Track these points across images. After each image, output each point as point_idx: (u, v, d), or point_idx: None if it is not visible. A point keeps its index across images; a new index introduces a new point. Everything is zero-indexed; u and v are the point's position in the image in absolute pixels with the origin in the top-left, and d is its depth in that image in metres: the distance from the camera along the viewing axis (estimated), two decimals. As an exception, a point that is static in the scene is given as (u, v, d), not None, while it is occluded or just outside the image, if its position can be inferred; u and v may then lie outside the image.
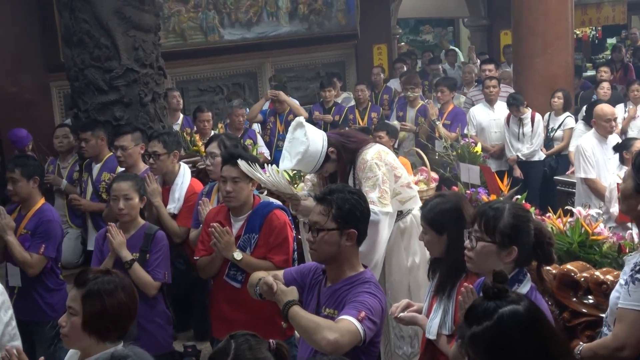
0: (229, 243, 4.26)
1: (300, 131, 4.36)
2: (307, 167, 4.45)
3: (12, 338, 3.48)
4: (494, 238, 2.84)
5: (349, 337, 2.95)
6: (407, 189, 4.45)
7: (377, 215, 4.17)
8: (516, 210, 2.92)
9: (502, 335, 2.19)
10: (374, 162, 4.27)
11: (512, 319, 2.20)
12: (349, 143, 4.41)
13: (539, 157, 8.36)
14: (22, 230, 4.95)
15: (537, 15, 9.04)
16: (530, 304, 2.27)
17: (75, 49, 6.87)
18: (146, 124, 6.86)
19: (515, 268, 2.86)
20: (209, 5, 11.42)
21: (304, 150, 4.30)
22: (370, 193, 4.20)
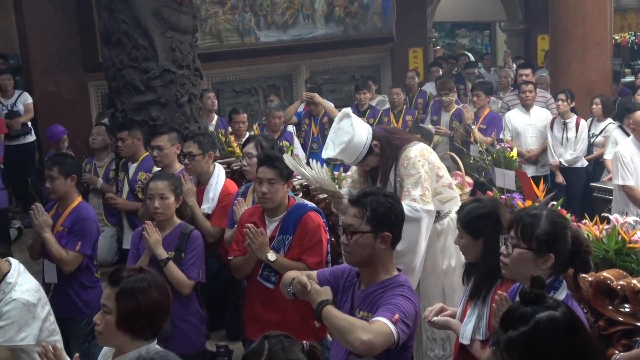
0: (263, 244, 4.27)
1: (347, 121, 4.36)
2: (349, 158, 4.43)
3: (51, 333, 3.53)
4: (530, 245, 2.80)
5: (383, 338, 2.94)
6: (449, 189, 4.44)
7: (418, 213, 4.16)
8: (554, 217, 2.88)
9: (538, 341, 2.16)
10: (417, 160, 4.26)
11: (548, 325, 2.17)
12: (393, 139, 4.41)
13: (582, 163, 8.25)
14: (59, 228, 4.98)
15: (575, 20, 8.95)
16: (568, 311, 2.24)
17: (113, 49, 6.95)
18: (182, 125, 6.92)
19: (551, 275, 2.82)
20: (245, 7, 11.47)
21: (348, 140, 4.30)
22: (412, 190, 4.19)
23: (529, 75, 9.53)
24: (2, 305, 3.35)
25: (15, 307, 3.34)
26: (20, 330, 3.33)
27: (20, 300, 3.35)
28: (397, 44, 13.04)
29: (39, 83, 9.95)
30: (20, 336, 3.33)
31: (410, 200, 4.17)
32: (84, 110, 10.19)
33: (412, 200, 4.18)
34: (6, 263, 3.47)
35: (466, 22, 18.82)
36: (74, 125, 9.03)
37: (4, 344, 3.30)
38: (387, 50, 13.10)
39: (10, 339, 3.30)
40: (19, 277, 3.44)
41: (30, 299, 3.39)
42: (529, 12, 14.60)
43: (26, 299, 3.37)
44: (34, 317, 3.40)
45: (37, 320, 3.41)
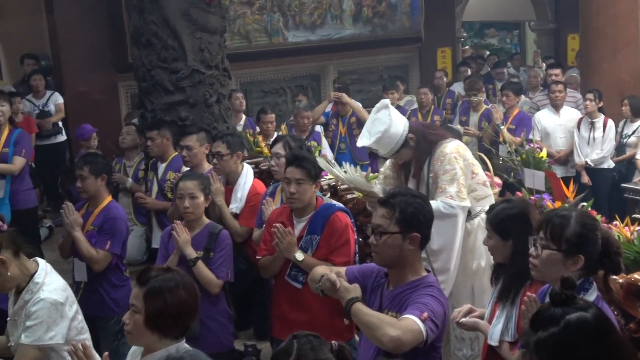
0: (290, 244, 4.28)
1: (385, 112, 4.36)
2: (384, 148, 4.42)
3: (79, 332, 3.55)
4: (560, 246, 2.78)
5: (411, 335, 2.93)
6: (484, 187, 4.42)
7: (454, 209, 4.15)
8: (583, 218, 2.85)
9: (568, 342, 2.15)
10: (453, 156, 4.25)
11: (579, 326, 2.15)
12: (429, 134, 4.40)
13: (608, 164, 8.16)
14: (89, 227, 5.02)
15: (606, 20, 8.85)
16: (599, 312, 2.22)
17: (143, 50, 6.99)
18: (210, 125, 6.94)
19: (581, 277, 2.80)
20: (273, 7, 11.50)
21: (384, 129, 4.29)
22: (448, 187, 4.18)
23: (558, 75, 9.44)
24: (30, 305, 3.36)
25: (43, 306, 3.35)
26: (49, 330, 3.34)
27: (48, 300, 3.36)
28: (425, 44, 12.99)
29: (70, 83, 10.03)
30: (49, 335, 3.34)
31: (447, 197, 4.16)
32: (113, 110, 10.26)
33: (448, 197, 4.16)
34: (34, 263, 3.50)
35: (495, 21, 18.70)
36: (103, 125, 9.09)
37: (33, 344, 3.32)
38: (415, 50, 13.06)
39: (39, 338, 3.32)
40: (47, 277, 3.46)
41: (58, 299, 3.40)
42: (559, 11, 14.46)
43: (54, 299, 3.38)
44: (62, 316, 3.41)
45: (65, 319, 3.42)
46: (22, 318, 3.39)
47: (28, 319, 3.34)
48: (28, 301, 3.38)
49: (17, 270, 3.40)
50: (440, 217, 4.14)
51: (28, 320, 3.34)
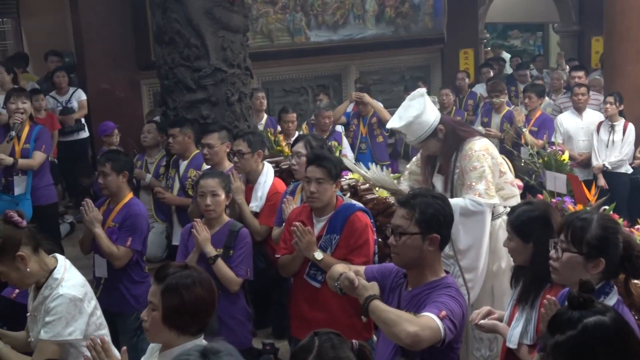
0: (310, 243, 4.28)
1: (420, 100, 4.36)
2: (412, 134, 4.41)
3: (98, 327, 3.56)
4: (580, 249, 2.76)
5: (429, 332, 2.92)
6: (511, 187, 4.41)
7: (481, 207, 4.14)
8: (605, 221, 2.83)
9: (585, 346, 2.13)
10: (482, 153, 4.23)
11: (596, 330, 2.14)
12: (459, 130, 4.40)
13: (626, 169, 8.12)
14: (110, 223, 5.04)
15: (630, 22, 8.78)
16: (617, 316, 2.21)
17: (166, 48, 7.03)
18: (232, 123, 6.96)
19: (601, 280, 2.78)
20: (296, 7, 11.50)
21: (416, 115, 4.29)
22: (476, 184, 4.16)
23: (582, 78, 9.38)
24: (49, 301, 3.37)
25: (62, 302, 3.35)
26: (68, 325, 3.35)
27: (67, 296, 3.37)
28: (447, 45, 12.94)
29: (93, 80, 10.08)
30: (68, 331, 3.35)
31: (475, 195, 4.14)
32: (136, 108, 10.30)
33: (476, 194, 4.15)
34: (53, 259, 3.51)
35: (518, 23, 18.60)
36: (126, 122, 9.13)
37: (52, 339, 3.33)
38: (437, 51, 13.02)
39: (58, 334, 3.33)
40: (66, 273, 3.47)
41: (76, 294, 3.40)
42: (583, 13, 14.37)
43: (73, 294, 3.39)
44: (81, 312, 3.41)
45: (84, 315, 3.42)
46: (42, 314, 3.40)
47: (47, 314, 3.36)
48: (47, 297, 3.39)
49: (37, 266, 3.41)
50: (467, 214, 4.13)
51: (47, 316, 3.35)
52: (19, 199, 6.46)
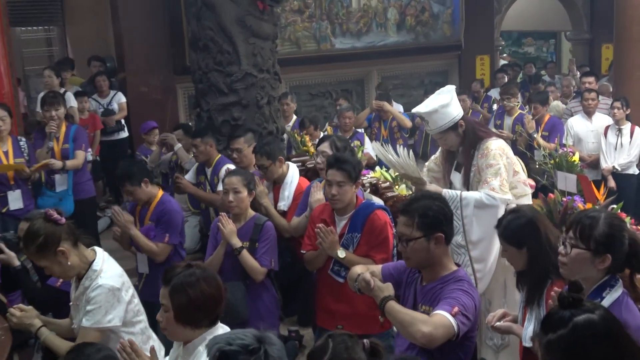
0: (333, 242, 4.29)
1: (448, 94, 4.37)
2: (434, 122, 4.40)
3: (136, 314, 3.58)
4: (588, 245, 2.75)
5: (443, 330, 2.94)
6: (524, 186, 4.40)
7: (495, 201, 4.13)
8: (612, 219, 2.82)
9: (576, 343, 2.13)
10: (498, 153, 4.23)
11: (586, 328, 2.14)
12: (479, 129, 4.41)
13: (633, 170, 8.05)
14: (148, 221, 5.06)
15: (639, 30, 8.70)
16: (606, 313, 2.20)
17: (200, 54, 7.06)
18: (261, 125, 6.99)
19: (607, 274, 2.77)
20: (322, 16, 11.53)
21: (441, 104, 4.30)
22: (491, 180, 4.16)
23: (592, 83, 9.30)
24: (89, 291, 3.40)
25: (101, 292, 3.38)
26: (107, 313, 3.38)
27: (106, 286, 3.40)
28: (464, 52, 12.91)
29: (132, 84, 10.17)
30: (108, 318, 3.38)
31: (490, 190, 4.14)
32: (172, 110, 10.38)
33: (491, 189, 4.14)
34: (92, 252, 3.55)
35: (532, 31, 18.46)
36: (162, 123, 9.21)
37: (93, 326, 3.36)
38: (455, 57, 12.99)
39: (98, 321, 3.36)
40: (104, 264, 3.50)
41: (114, 284, 3.43)
42: (594, 22, 14.25)
43: (111, 285, 3.42)
44: (119, 300, 3.44)
45: (122, 303, 3.45)
46: (83, 303, 3.44)
47: (88, 303, 3.39)
48: (87, 287, 3.42)
49: (77, 259, 3.45)
50: (481, 207, 4.13)
51: (88, 305, 3.39)
52: (62, 195, 6.53)
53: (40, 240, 3.37)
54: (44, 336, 3.43)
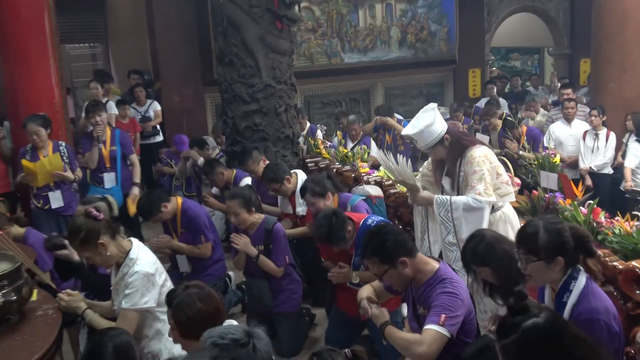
0: (347, 276, 4.28)
1: (431, 112, 4.32)
2: (423, 140, 4.35)
3: (170, 295, 3.62)
4: (539, 256, 2.68)
5: (436, 343, 2.98)
6: (506, 186, 4.36)
7: (481, 204, 4.10)
8: (548, 225, 2.72)
9: (526, 345, 2.14)
10: (481, 159, 4.19)
11: (533, 330, 2.15)
12: (463, 139, 4.35)
13: (608, 170, 8.00)
14: (181, 229, 5.17)
15: (614, 46, 8.65)
16: (550, 315, 2.21)
17: (226, 68, 7.08)
18: (279, 130, 7.02)
19: (567, 269, 2.70)
20: (333, 34, 11.53)
21: (427, 124, 4.25)
22: (477, 185, 4.13)
23: (570, 94, 9.23)
24: (127, 276, 3.43)
25: (138, 277, 3.41)
26: (143, 296, 3.40)
27: (142, 272, 3.42)
28: (458, 65, 12.89)
29: (166, 94, 10.22)
30: (144, 300, 3.40)
31: (476, 194, 4.12)
32: (201, 117, 10.43)
33: (477, 193, 4.12)
34: (129, 242, 3.57)
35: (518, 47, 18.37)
36: (193, 128, 9.24)
37: (131, 307, 3.39)
38: (450, 70, 12.97)
39: (135, 303, 3.39)
40: (139, 253, 3.52)
41: (149, 270, 3.45)
42: (574, 38, 14.17)
43: (146, 271, 3.44)
44: (153, 284, 3.46)
45: (156, 287, 3.47)
46: (122, 287, 3.46)
47: (126, 287, 3.41)
48: (125, 274, 3.45)
49: (115, 250, 3.48)
50: (469, 210, 4.11)
51: (126, 289, 3.41)
52: (113, 190, 6.56)
53: (82, 235, 3.40)
54: (88, 317, 3.47)
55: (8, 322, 3.04)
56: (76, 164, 6.30)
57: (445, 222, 4.12)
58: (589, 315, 2.58)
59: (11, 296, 2.97)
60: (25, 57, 6.42)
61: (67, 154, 6.19)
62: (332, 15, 11.52)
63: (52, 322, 3.14)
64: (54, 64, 6.60)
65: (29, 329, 3.05)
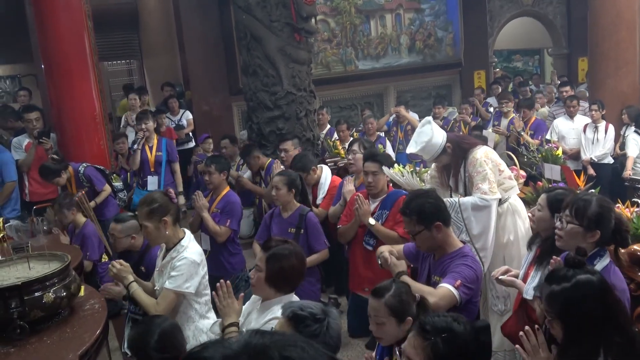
0: (367, 211, 4.38)
1: (428, 127, 4.30)
2: (426, 155, 4.35)
3: (205, 287, 3.59)
4: (582, 222, 2.70)
5: (446, 300, 2.94)
6: (509, 180, 4.31)
7: (488, 202, 4.06)
8: (602, 201, 2.76)
9: (575, 296, 2.12)
10: (483, 160, 4.14)
11: (586, 285, 2.13)
12: (463, 143, 4.31)
13: (608, 160, 7.90)
14: (214, 209, 5.09)
15: (609, 45, 8.54)
16: (602, 278, 2.19)
17: (250, 78, 7.10)
18: (300, 133, 7.01)
19: (596, 247, 2.72)
20: (347, 43, 11.50)
21: (427, 140, 4.23)
22: (481, 185, 4.09)
23: (568, 92, 9.15)
24: (176, 260, 3.40)
25: (185, 263, 3.38)
26: (187, 281, 3.38)
27: (189, 259, 3.40)
28: (464, 68, 12.78)
29: (197, 104, 10.26)
30: (186, 285, 3.38)
31: (482, 194, 4.08)
32: (229, 124, 10.45)
33: (482, 193, 4.07)
34: (183, 232, 3.57)
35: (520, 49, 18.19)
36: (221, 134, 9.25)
37: (174, 289, 3.35)
38: (456, 73, 12.86)
39: (179, 285, 3.36)
40: (190, 243, 3.51)
41: (196, 259, 3.44)
42: (571, 39, 13.99)
43: (193, 259, 3.42)
44: (197, 273, 3.43)
45: (198, 276, 3.45)
46: (168, 269, 3.44)
47: (173, 270, 3.39)
48: (174, 258, 3.43)
49: (171, 233, 3.46)
50: (477, 209, 4.08)
51: (173, 271, 3.38)
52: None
53: (154, 206, 3.41)
54: (133, 289, 3.42)
55: (59, 316, 3.07)
56: (102, 183, 6.19)
57: (456, 223, 4.07)
58: None
59: (61, 292, 2.99)
60: (67, 74, 6.49)
61: (85, 179, 6.11)
62: (346, 26, 11.48)
63: (98, 315, 3.16)
64: (94, 80, 6.67)
65: (78, 321, 3.07)
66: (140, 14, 12.21)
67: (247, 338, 1.01)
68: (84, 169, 6.12)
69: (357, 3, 11.47)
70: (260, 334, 1.02)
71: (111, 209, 6.20)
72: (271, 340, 1.00)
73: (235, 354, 0.98)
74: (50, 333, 2.93)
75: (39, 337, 2.88)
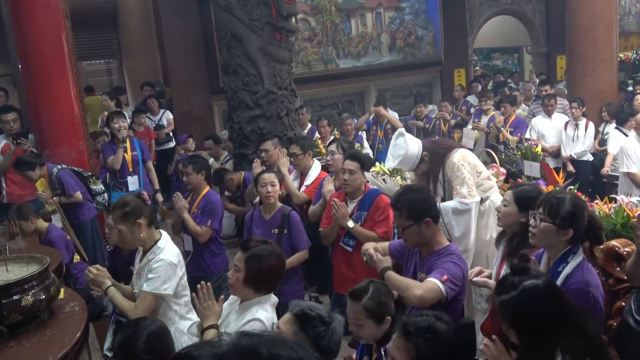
0: (344, 214, 4.34)
1: (402, 139, 4.31)
2: (406, 166, 4.39)
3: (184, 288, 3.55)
4: (555, 220, 2.71)
5: (432, 293, 2.93)
6: (488, 181, 4.34)
7: (468, 206, 4.08)
8: (575, 200, 2.77)
9: (524, 303, 2.16)
10: (460, 164, 4.16)
11: (532, 290, 2.16)
12: (439, 149, 4.32)
13: (588, 157, 7.99)
14: (195, 210, 5.04)
15: (587, 43, 8.64)
16: (548, 280, 2.23)
17: (231, 77, 7.07)
18: (282, 132, 7.00)
19: (570, 244, 2.73)
20: (328, 42, 11.51)
21: (403, 153, 4.25)
22: (460, 189, 4.11)
23: (548, 90, 9.27)
24: (152, 262, 3.37)
25: (162, 265, 3.35)
26: (164, 283, 3.34)
27: (166, 260, 3.37)
28: (445, 66, 12.84)
29: (177, 103, 10.20)
30: (164, 287, 3.34)
31: (461, 198, 4.10)
32: (210, 123, 10.40)
33: (462, 197, 4.10)
34: (159, 233, 3.55)
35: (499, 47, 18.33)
36: (203, 134, 9.21)
37: (152, 291, 3.32)
38: (437, 71, 12.92)
39: (156, 288, 3.33)
40: (167, 244, 3.47)
41: (173, 260, 3.40)
42: (549, 37, 14.13)
43: (170, 260, 3.38)
44: (175, 274, 3.40)
45: (176, 278, 3.41)
46: (145, 272, 3.41)
47: (150, 272, 3.36)
48: (151, 260, 3.40)
49: (146, 235, 3.42)
50: (458, 213, 4.11)
51: (150, 274, 3.36)
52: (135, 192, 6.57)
53: (127, 209, 3.37)
54: (111, 294, 3.39)
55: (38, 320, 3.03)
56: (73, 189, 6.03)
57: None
58: (581, 286, 2.59)
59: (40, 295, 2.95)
60: (45, 74, 6.40)
61: (57, 182, 5.99)
62: (327, 25, 11.48)
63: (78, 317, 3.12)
64: (73, 80, 6.58)
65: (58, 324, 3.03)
66: (120, 13, 12.10)
67: (235, 339, 1.02)
68: (57, 171, 6.02)
69: (337, 2, 11.47)
70: (249, 335, 1.03)
71: (86, 213, 6.13)
72: (260, 340, 1.01)
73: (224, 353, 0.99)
74: (29, 336, 2.89)
75: (18, 340, 2.84)
